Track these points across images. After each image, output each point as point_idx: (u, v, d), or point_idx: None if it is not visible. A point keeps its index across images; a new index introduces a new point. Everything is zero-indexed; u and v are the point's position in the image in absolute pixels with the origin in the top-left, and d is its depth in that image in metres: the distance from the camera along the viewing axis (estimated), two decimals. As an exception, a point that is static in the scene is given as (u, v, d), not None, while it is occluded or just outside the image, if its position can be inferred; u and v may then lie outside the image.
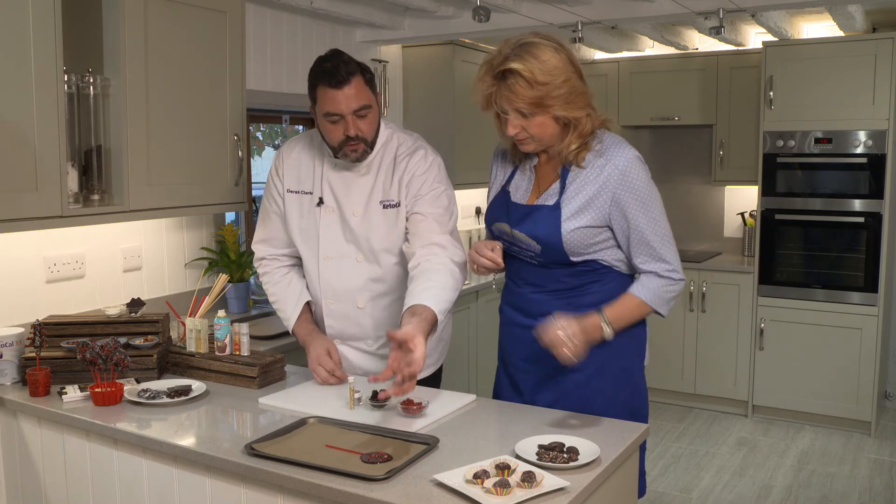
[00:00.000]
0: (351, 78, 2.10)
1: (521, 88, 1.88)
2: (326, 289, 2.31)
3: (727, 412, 5.00)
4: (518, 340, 2.14)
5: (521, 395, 2.16)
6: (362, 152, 2.21)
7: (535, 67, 1.86)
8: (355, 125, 2.14)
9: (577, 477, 1.59)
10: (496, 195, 2.15)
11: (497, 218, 2.12)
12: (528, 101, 1.89)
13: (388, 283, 2.31)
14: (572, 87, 1.91)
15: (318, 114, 2.17)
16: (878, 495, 3.78)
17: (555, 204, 1.99)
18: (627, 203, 1.96)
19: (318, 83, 2.12)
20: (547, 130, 1.96)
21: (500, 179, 2.18)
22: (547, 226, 1.99)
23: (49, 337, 2.33)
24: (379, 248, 2.27)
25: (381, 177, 2.27)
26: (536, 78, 1.86)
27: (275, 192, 2.36)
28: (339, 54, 2.14)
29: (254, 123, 4.14)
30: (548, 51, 1.89)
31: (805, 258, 4.69)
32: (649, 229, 1.98)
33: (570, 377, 2.06)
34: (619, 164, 1.95)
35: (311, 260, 2.32)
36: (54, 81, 2.24)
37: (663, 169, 5.69)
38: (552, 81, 1.88)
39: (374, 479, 1.57)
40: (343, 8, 3.73)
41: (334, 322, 2.33)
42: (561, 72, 1.89)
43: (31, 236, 2.58)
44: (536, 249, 2.02)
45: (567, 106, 1.91)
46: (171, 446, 1.84)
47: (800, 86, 4.58)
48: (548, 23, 3.88)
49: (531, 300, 2.09)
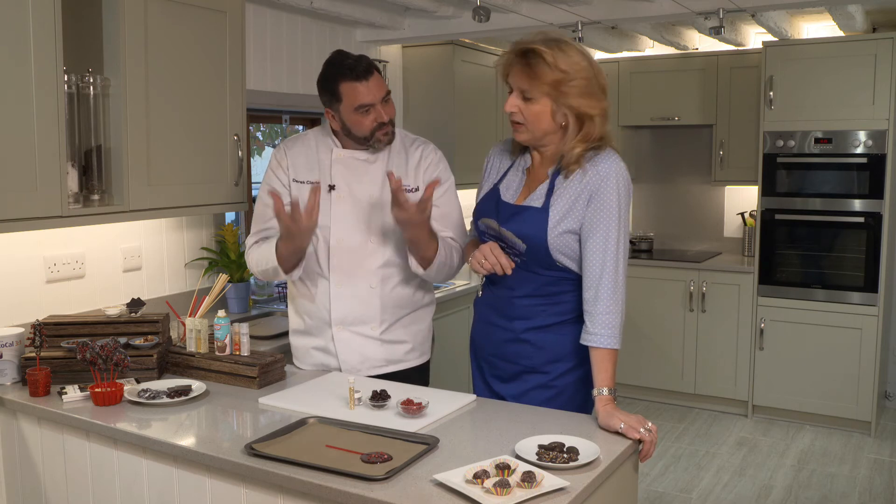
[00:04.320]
0: (372, 69, 2.24)
1: (540, 69, 1.94)
2: (337, 272, 2.33)
3: (727, 412, 5.00)
4: (489, 337, 2.20)
5: (489, 386, 2.23)
6: (392, 134, 2.34)
7: (558, 55, 1.93)
8: (385, 110, 2.28)
9: (577, 477, 1.60)
10: (487, 191, 2.19)
11: (485, 213, 2.15)
12: (544, 82, 1.94)
13: (398, 265, 2.36)
14: (589, 85, 1.96)
15: (347, 109, 2.26)
16: (878, 495, 3.78)
17: (542, 206, 2.02)
18: (595, 203, 1.97)
19: (343, 80, 2.23)
20: (541, 121, 1.99)
21: (493, 177, 2.21)
22: (534, 226, 2.01)
23: (49, 337, 2.34)
24: (392, 232, 2.32)
25: (393, 163, 2.36)
26: (558, 64, 1.93)
27: (277, 184, 2.37)
28: (346, 53, 2.27)
29: (254, 123, 4.14)
30: (575, 50, 1.97)
31: (805, 258, 4.69)
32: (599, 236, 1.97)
33: (534, 378, 2.13)
34: (602, 169, 1.98)
35: (321, 244, 2.34)
36: (54, 81, 2.24)
37: (663, 169, 5.70)
38: (571, 71, 1.93)
39: (374, 479, 1.57)
40: (343, 8, 3.73)
41: (341, 304, 2.33)
42: (582, 69, 1.95)
43: (31, 236, 2.58)
44: (522, 248, 2.04)
45: (581, 100, 1.95)
46: (171, 446, 1.84)
47: (800, 86, 4.58)
48: (548, 23, 3.88)
49: (509, 303, 2.13)
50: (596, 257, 1.97)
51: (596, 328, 1.96)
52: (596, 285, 1.97)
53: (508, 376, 2.17)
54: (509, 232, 2.05)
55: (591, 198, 1.98)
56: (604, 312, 1.95)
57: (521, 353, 2.12)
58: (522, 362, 2.13)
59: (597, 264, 1.97)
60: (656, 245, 5.68)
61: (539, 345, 2.10)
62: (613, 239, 1.97)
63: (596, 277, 1.97)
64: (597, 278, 1.97)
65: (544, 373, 2.11)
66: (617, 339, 1.96)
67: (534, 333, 2.10)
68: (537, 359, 2.11)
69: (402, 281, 2.38)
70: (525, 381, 2.14)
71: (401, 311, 2.38)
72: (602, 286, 1.96)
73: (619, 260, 1.98)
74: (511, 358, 2.15)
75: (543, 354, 2.10)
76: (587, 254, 1.98)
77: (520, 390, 2.15)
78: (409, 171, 2.36)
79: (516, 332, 2.12)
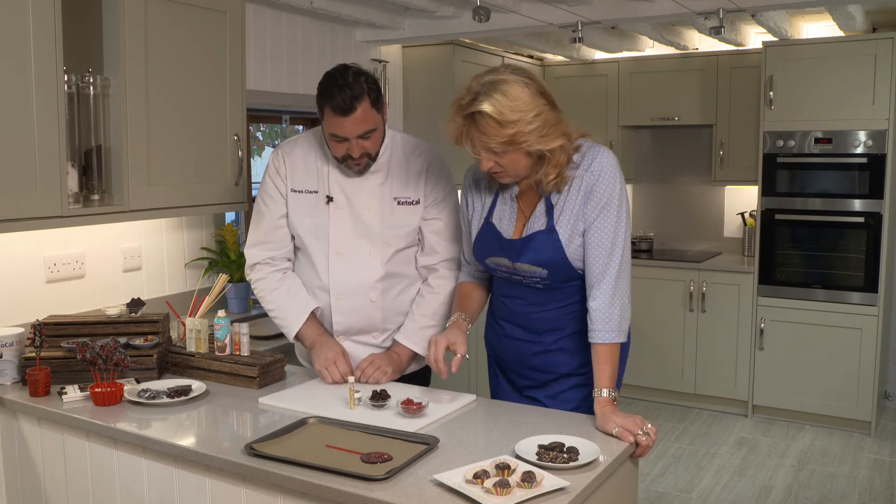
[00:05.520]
0: (357, 105, 2.09)
1: (492, 129, 1.84)
2: (336, 285, 2.30)
3: (727, 412, 5.00)
4: (517, 352, 2.17)
5: (521, 394, 2.21)
6: (365, 166, 2.24)
7: (504, 106, 1.83)
8: (359, 146, 2.17)
9: (577, 477, 1.60)
10: (481, 228, 2.12)
11: (491, 252, 2.10)
12: (500, 141, 1.86)
13: (399, 275, 2.33)
14: (545, 119, 1.87)
15: (325, 129, 2.18)
16: (878, 495, 3.78)
17: (547, 227, 1.99)
18: (593, 199, 1.95)
19: (325, 105, 2.11)
20: (520, 164, 1.93)
21: (480, 210, 2.14)
22: (548, 250, 1.99)
23: (49, 337, 2.33)
24: (393, 243, 2.29)
25: (393, 173, 2.30)
26: (506, 117, 1.83)
27: (275, 193, 2.34)
28: (346, 73, 2.12)
29: (254, 123, 4.15)
30: (516, 86, 1.84)
31: (805, 258, 4.69)
32: (605, 229, 1.96)
33: (570, 380, 2.12)
34: (595, 167, 1.95)
35: (320, 256, 2.31)
36: (54, 81, 2.24)
37: (663, 169, 5.70)
38: (522, 118, 1.84)
39: (374, 479, 1.57)
40: (343, 8, 3.73)
41: (343, 318, 2.32)
42: (531, 106, 1.85)
43: (31, 236, 2.58)
44: (543, 275, 2.03)
45: (541, 139, 1.87)
46: (171, 446, 1.84)
47: (800, 86, 4.58)
48: (548, 23, 3.88)
49: (535, 319, 2.11)
50: (596, 253, 1.96)
51: (594, 324, 1.95)
52: (597, 281, 1.96)
53: (541, 383, 2.16)
54: (525, 264, 2.02)
55: (588, 195, 1.95)
56: (602, 307, 1.94)
57: (555, 362, 2.12)
58: (557, 370, 2.12)
59: (597, 260, 1.96)
60: (656, 245, 5.68)
61: (573, 350, 2.09)
62: (611, 234, 1.95)
63: (597, 274, 1.96)
64: (598, 274, 1.96)
65: (581, 374, 2.10)
66: (615, 334, 1.94)
67: (567, 341, 2.09)
68: (573, 363, 2.10)
69: (404, 289, 2.35)
70: (561, 383, 2.13)
71: (403, 318, 2.36)
72: (603, 282, 1.95)
73: (620, 255, 1.96)
74: (543, 368, 2.13)
75: (578, 358, 2.09)
76: (588, 250, 1.97)
77: (556, 391, 2.14)
78: (409, 183, 2.30)
79: (546, 345, 2.11)
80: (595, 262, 1.96)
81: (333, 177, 2.30)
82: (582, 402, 2.10)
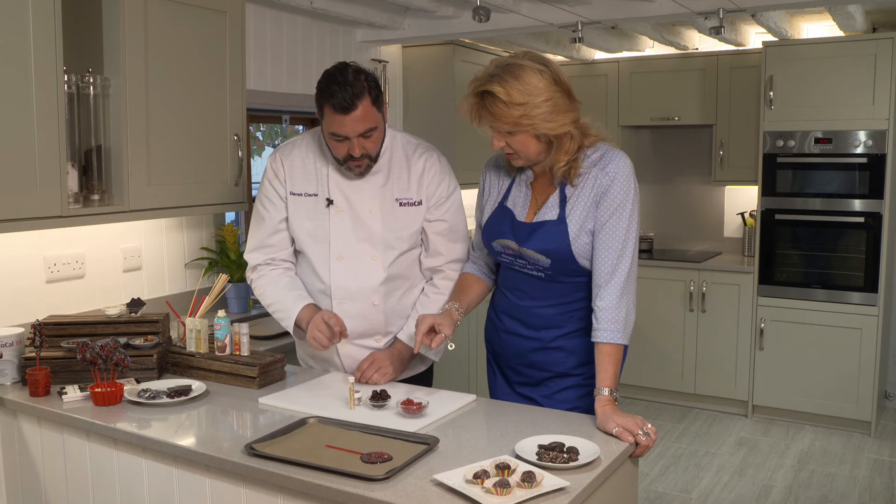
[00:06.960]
0: (358, 102, 2.07)
1: (499, 109, 1.92)
2: (338, 289, 2.28)
3: (727, 412, 5.00)
4: (515, 348, 2.18)
5: (515, 392, 2.22)
6: (366, 168, 2.23)
7: (513, 89, 1.90)
8: (361, 145, 2.15)
9: (577, 477, 1.60)
10: (494, 211, 2.16)
11: (500, 234, 2.12)
12: (506, 122, 1.92)
13: (402, 278, 2.32)
14: (554, 105, 1.92)
15: (325, 129, 2.17)
16: (878, 495, 3.78)
17: (559, 218, 2.01)
18: (607, 201, 1.97)
19: (325, 104, 2.10)
20: (529, 147, 1.98)
21: (496, 195, 2.18)
22: (555, 240, 2.01)
23: (49, 337, 2.34)
24: (396, 245, 2.28)
25: (395, 175, 2.29)
26: (514, 99, 1.90)
27: (274, 196, 2.32)
28: (345, 71, 2.10)
29: (254, 123, 4.15)
30: (530, 72, 1.92)
31: (805, 258, 4.69)
32: (617, 231, 1.98)
33: (566, 380, 2.13)
34: (611, 169, 1.98)
35: (321, 260, 2.29)
36: (54, 81, 2.24)
37: (663, 169, 5.70)
38: (530, 101, 1.90)
39: (374, 479, 1.57)
40: (343, 8, 3.73)
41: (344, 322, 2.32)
42: (540, 91, 1.91)
43: (31, 236, 2.58)
44: (546, 264, 2.04)
45: (547, 124, 1.92)
46: (171, 446, 1.84)
47: (800, 86, 4.58)
48: (548, 23, 3.88)
49: (534, 314, 2.13)
50: (606, 255, 1.97)
51: (600, 323, 1.96)
52: (605, 282, 1.97)
53: (537, 381, 2.17)
54: (531, 250, 2.04)
55: (601, 197, 1.98)
56: (610, 307, 1.95)
57: (552, 361, 2.13)
58: (554, 368, 2.13)
59: (606, 262, 1.97)
60: (656, 245, 5.68)
61: (570, 350, 2.11)
62: (622, 237, 1.97)
63: (606, 274, 1.97)
64: (607, 275, 1.97)
65: (576, 375, 2.11)
66: (620, 335, 1.95)
67: (565, 340, 2.10)
68: (569, 363, 2.12)
69: (407, 291, 2.34)
70: (557, 383, 2.14)
71: (405, 321, 2.35)
72: (611, 283, 1.96)
73: (630, 258, 1.98)
74: (540, 365, 2.15)
75: (575, 358, 2.11)
76: (597, 251, 1.99)
77: (551, 391, 2.15)
78: (411, 184, 2.28)
79: (544, 342, 2.12)
80: (604, 262, 1.98)
81: (333, 179, 2.28)
82: (577, 403, 2.11)
